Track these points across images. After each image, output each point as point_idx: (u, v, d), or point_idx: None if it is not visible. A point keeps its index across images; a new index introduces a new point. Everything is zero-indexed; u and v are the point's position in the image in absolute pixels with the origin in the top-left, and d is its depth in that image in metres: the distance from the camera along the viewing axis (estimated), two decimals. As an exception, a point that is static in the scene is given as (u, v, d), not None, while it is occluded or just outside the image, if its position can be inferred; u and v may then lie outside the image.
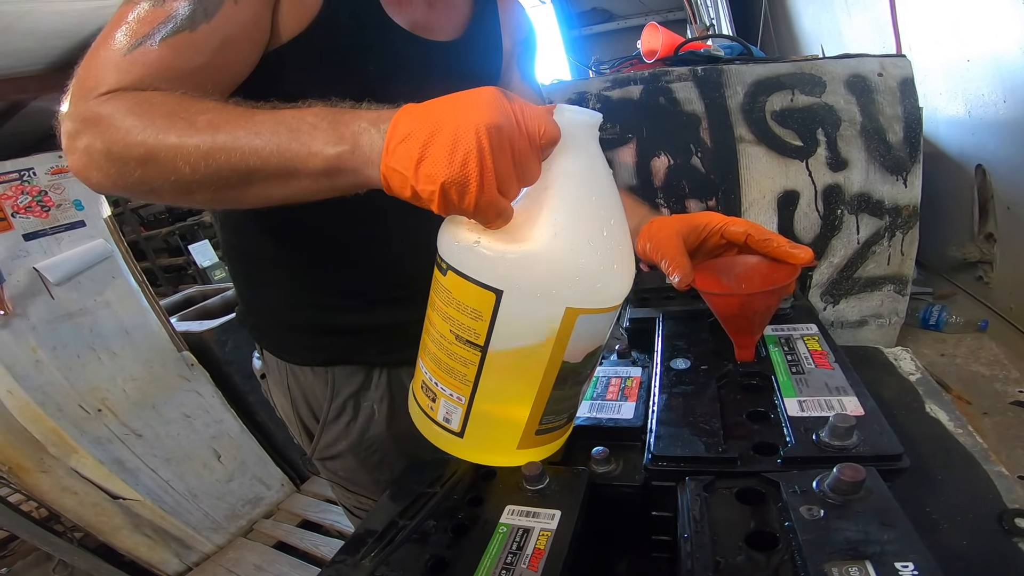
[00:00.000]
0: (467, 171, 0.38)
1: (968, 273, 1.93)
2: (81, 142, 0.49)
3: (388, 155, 0.41)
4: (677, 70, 1.58)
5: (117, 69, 0.50)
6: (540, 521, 0.52)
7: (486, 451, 0.57)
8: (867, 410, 0.55)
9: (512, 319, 0.47)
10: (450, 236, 0.47)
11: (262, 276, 0.78)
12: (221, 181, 0.46)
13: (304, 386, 0.80)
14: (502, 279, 0.45)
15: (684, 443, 0.55)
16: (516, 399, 0.53)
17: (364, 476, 0.84)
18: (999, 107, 1.61)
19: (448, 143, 0.38)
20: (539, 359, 0.50)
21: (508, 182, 0.41)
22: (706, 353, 0.72)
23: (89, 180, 0.51)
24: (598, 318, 0.49)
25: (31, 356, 1.64)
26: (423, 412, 0.58)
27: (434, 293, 0.52)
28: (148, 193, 0.49)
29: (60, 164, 1.76)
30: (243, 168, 0.45)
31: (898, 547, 0.38)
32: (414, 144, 0.40)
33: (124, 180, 0.49)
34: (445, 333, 0.51)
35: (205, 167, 0.45)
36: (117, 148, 0.47)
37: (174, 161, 0.46)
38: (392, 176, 0.42)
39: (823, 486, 0.44)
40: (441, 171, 0.38)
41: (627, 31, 4.77)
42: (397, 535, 0.52)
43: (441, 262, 0.49)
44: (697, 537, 0.43)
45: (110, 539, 1.81)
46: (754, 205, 1.60)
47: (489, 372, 0.50)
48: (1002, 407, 1.37)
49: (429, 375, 0.55)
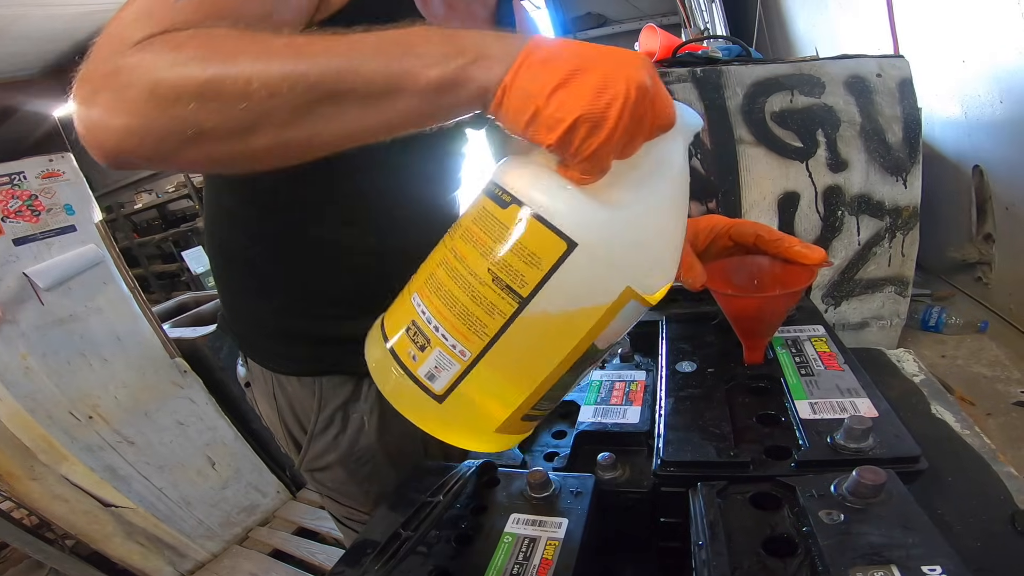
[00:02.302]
0: (608, 114, 0.37)
1: (967, 274, 1.94)
2: (107, 95, 0.40)
3: (518, 72, 0.39)
4: (676, 71, 1.58)
5: (161, 13, 0.43)
6: (547, 530, 0.50)
7: (461, 426, 0.48)
8: (881, 412, 0.54)
9: (570, 279, 0.42)
10: (527, 172, 0.44)
11: (248, 283, 0.77)
12: (301, 108, 0.40)
13: (291, 396, 0.78)
14: (583, 232, 0.42)
15: (694, 448, 0.54)
16: (530, 370, 0.46)
17: (354, 488, 0.82)
18: (995, 107, 1.62)
19: (597, 81, 0.37)
20: (576, 330, 0.45)
21: (628, 141, 0.40)
22: (712, 356, 0.70)
23: (112, 132, 0.41)
24: (640, 309, 0.47)
25: (20, 363, 1.61)
26: (396, 361, 0.47)
27: (473, 223, 0.46)
28: (192, 139, 0.40)
29: (51, 168, 1.73)
30: (335, 89, 0.40)
31: (924, 550, 0.37)
32: (556, 69, 0.38)
33: (166, 123, 0.40)
34: (479, 271, 0.44)
35: (288, 89, 0.39)
36: (168, 83, 0.39)
37: (246, 87, 0.39)
38: (514, 94, 0.39)
39: (841, 490, 0.42)
40: (580, 104, 0.37)
41: (622, 35, 4.80)
42: (401, 546, 0.50)
43: (503, 194, 0.44)
44: (713, 544, 0.42)
45: (102, 547, 1.78)
46: (754, 207, 1.60)
47: (517, 330, 0.44)
48: (1005, 408, 1.37)
49: (429, 316, 0.46)
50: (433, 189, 0.77)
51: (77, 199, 1.80)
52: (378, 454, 0.80)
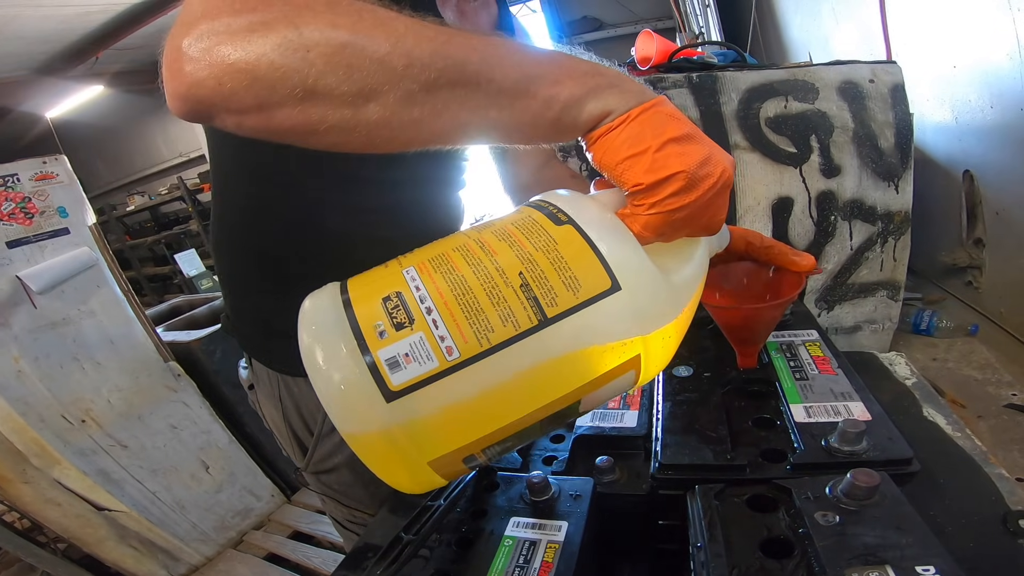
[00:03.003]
0: (703, 183, 0.40)
1: (957, 278, 1.96)
2: (229, 47, 0.37)
3: (647, 111, 0.41)
4: (672, 77, 1.59)
5: None
6: (547, 533, 0.51)
7: (394, 443, 0.38)
8: (874, 415, 0.55)
9: (598, 319, 0.39)
10: (591, 206, 0.44)
11: (263, 283, 0.76)
12: (430, 86, 0.39)
13: (297, 397, 0.78)
14: (630, 280, 0.40)
15: (691, 451, 0.54)
16: (509, 402, 0.40)
17: (359, 490, 0.82)
18: (986, 113, 1.64)
19: (705, 153, 0.41)
20: (577, 376, 0.40)
21: (697, 218, 0.43)
22: (708, 360, 0.71)
23: (220, 67, 0.37)
24: (627, 386, 0.45)
25: (12, 366, 1.60)
26: (353, 331, 0.38)
27: (513, 225, 0.43)
28: (304, 96, 0.38)
29: (44, 170, 1.72)
30: (474, 74, 0.40)
31: (918, 551, 0.37)
32: (677, 127, 0.41)
33: (289, 70, 0.37)
34: (509, 271, 0.39)
35: (426, 65, 0.38)
36: (309, 35, 0.37)
37: (388, 53, 0.38)
38: (634, 128, 0.41)
39: (836, 492, 0.43)
40: (687, 163, 0.40)
41: (618, 39, 4.85)
42: (403, 550, 0.50)
43: (560, 213, 0.43)
44: (711, 546, 0.42)
45: (95, 551, 1.76)
46: (749, 212, 1.61)
47: (520, 351, 0.38)
48: (996, 410, 1.38)
49: (424, 295, 0.39)
50: (444, 190, 0.80)
51: (70, 202, 1.79)
52: None
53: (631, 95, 0.42)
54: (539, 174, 0.92)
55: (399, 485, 0.41)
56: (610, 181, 0.45)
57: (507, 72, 0.40)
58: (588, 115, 0.42)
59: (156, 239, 6.64)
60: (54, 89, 5.27)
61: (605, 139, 0.42)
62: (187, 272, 4.40)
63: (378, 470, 0.40)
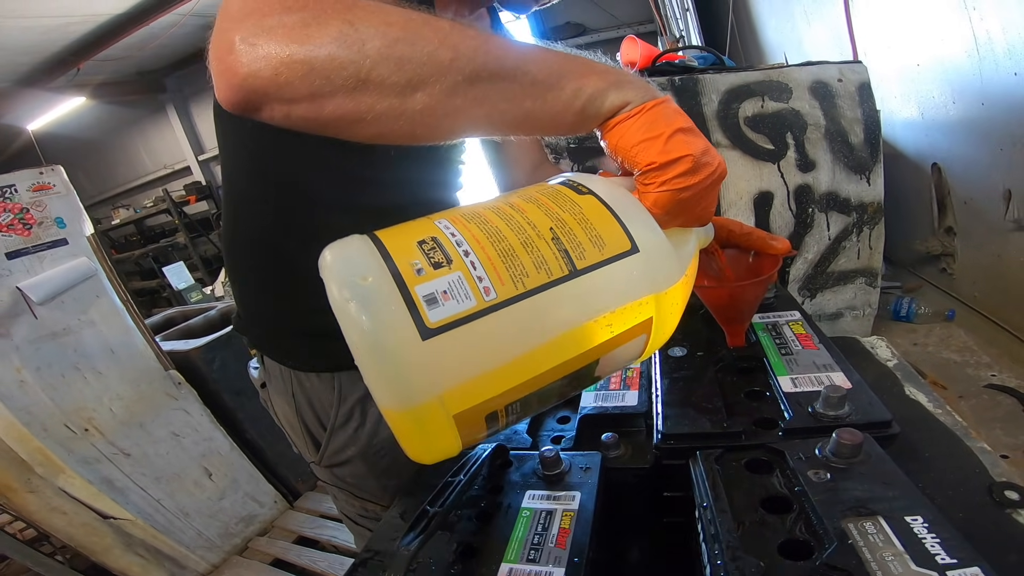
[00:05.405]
0: (706, 169, 0.47)
1: (932, 266, 2.02)
2: (286, 40, 0.39)
3: (660, 105, 0.48)
4: (656, 80, 1.65)
5: None
6: (561, 503, 0.54)
7: (423, 390, 0.36)
8: (854, 383, 0.60)
9: (619, 277, 0.43)
10: (609, 184, 0.49)
11: (269, 281, 0.78)
12: (473, 77, 0.43)
13: (310, 392, 0.80)
14: (647, 243, 0.45)
15: (691, 421, 0.59)
16: (538, 353, 0.39)
17: (372, 482, 0.84)
18: (949, 108, 1.71)
19: (706, 146, 0.48)
20: (600, 332, 0.42)
21: (695, 202, 0.49)
22: (701, 341, 0.76)
23: (276, 59, 0.39)
24: (638, 352, 0.49)
25: (15, 376, 1.61)
26: (388, 265, 0.37)
27: (540, 193, 0.46)
28: (356, 87, 0.40)
29: (42, 181, 1.73)
30: (514, 68, 0.45)
31: (904, 503, 0.41)
32: (685, 121, 0.48)
33: (343, 62, 0.39)
34: (540, 225, 0.41)
35: (470, 58, 0.43)
36: (364, 29, 0.40)
37: (436, 50, 0.41)
38: (648, 116, 0.47)
39: (825, 452, 0.48)
40: (693, 149, 0.46)
41: (601, 44, 4.88)
42: (430, 522, 0.51)
43: (582, 187, 0.47)
44: (716, 503, 0.46)
45: (102, 559, 1.76)
46: (732, 207, 1.67)
47: (552, 298, 0.39)
48: (976, 390, 1.42)
49: (460, 239, 0.39)
50: (443, 191, 0.83)
51: (68, 212, 1.80)
52: (396, 447, 0.82)
53: (645, 90, 0.49)
54: (533, 176, 0.96)
55: (416, 449, 0.41)
56: (619, 168, 0.52)
57: (540, 67, 0.46)
58: (610, 105, 0.48)
59: (143, 252, 6.54)
60: (35, 101, 5.20)
61: (622, 126, 0.48)
62: (176, 285, 4.34)
63: (401, 426, 0.39)
